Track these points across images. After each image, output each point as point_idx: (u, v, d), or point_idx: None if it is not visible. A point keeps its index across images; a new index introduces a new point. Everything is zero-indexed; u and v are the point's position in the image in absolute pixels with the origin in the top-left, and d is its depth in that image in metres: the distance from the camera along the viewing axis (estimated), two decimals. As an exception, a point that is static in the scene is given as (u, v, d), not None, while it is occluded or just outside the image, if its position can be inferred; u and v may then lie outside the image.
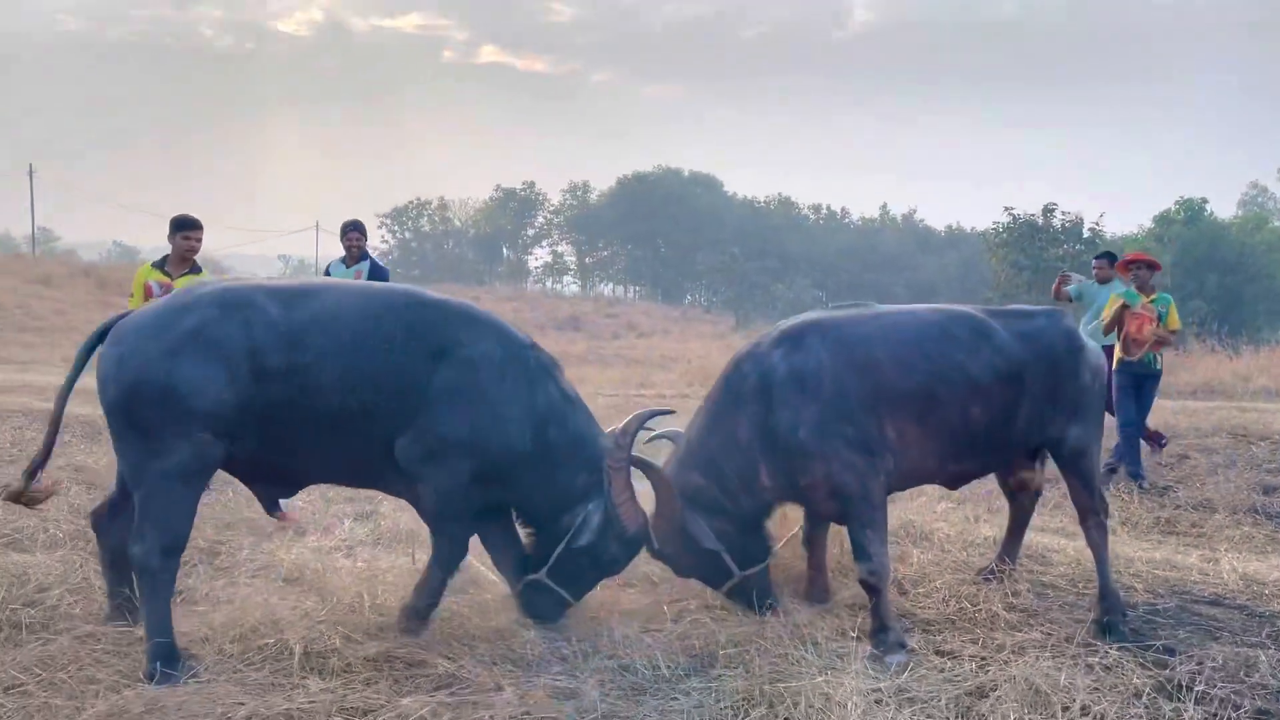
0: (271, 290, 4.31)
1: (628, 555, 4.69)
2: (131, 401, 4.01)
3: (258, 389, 4.09)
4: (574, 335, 31.80)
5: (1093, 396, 5.14)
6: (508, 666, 4.10)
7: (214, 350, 4.04)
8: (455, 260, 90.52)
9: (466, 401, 4.36)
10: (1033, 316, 5.18)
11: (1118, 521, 7.39)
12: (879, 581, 4.56)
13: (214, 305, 4.13)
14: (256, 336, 4.10)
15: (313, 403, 4.17)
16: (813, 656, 4.20)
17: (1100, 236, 42.51)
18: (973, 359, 4.82)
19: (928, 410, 4.74)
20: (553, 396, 4.60)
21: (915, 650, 4.49)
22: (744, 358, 4.89)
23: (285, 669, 3.95)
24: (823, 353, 4.68)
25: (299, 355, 4.14)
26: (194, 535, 5.75)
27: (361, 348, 4.24)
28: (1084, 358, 5.11)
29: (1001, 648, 4.58)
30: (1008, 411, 4.91)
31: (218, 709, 3.45)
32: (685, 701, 3.81)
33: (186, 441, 4.02)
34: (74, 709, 3.35)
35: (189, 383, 3.99)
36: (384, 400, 4.26)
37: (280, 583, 5.10)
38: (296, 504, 4.96)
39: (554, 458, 4.54)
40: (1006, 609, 5.14)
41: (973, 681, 4.10)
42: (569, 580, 4.60)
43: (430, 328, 4.39)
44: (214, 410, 4.03)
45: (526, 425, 4.48)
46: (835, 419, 4.59)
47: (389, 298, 4.49)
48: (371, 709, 3.58)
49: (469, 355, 4.39)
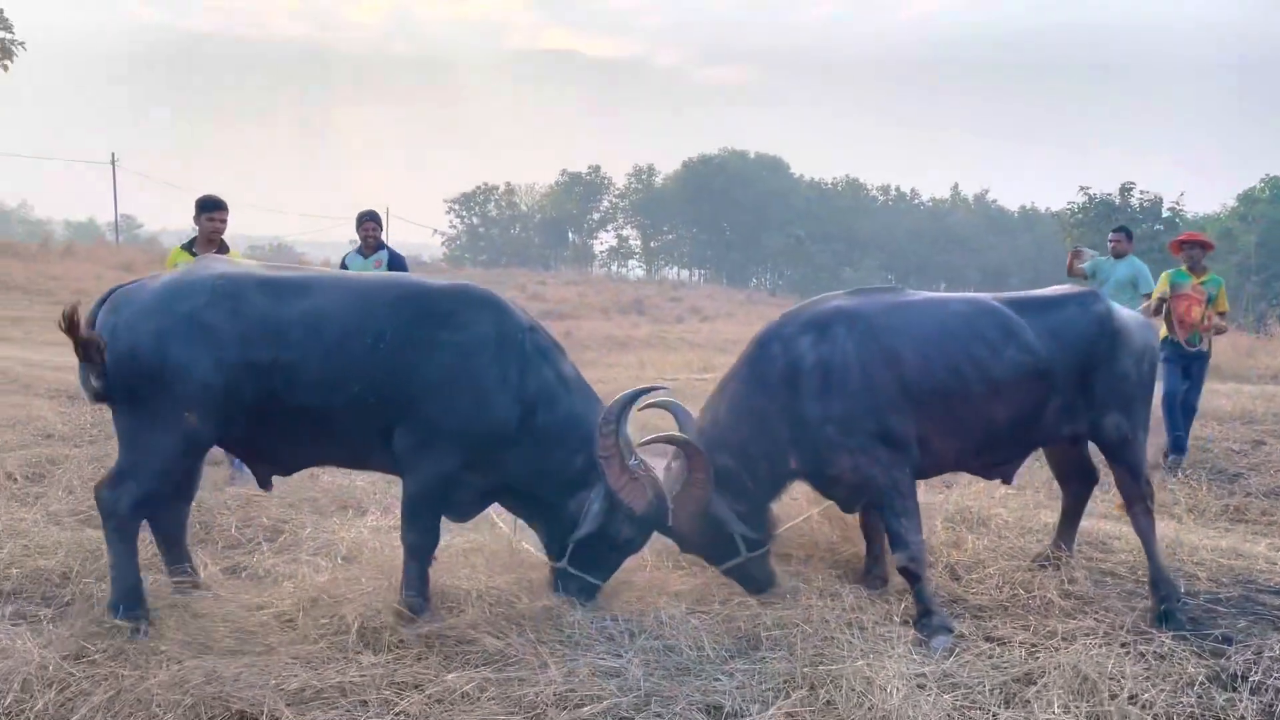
0: (264, 282, 4.37)
1: (644, 532, 4.71)
2: (120, 372, 4.13)
3: (244, 378, 4.20)
4: (637, 319, 31.79)
5: (1132, 383, 4.98)
6: (555, 645, 4.17)
7: (201, 337, 4.15)
8: (521, 245, 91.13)
9: (459, 391, 4.38)
10: (1063, 305, 5.04)
11: (1184, 508, 7.22)
12: (918, 568, 4.58)
13: (206, 292, 4.23)
14: (243, 328, 4.20)
15: (299, 396, 4.26)
16: (858, 640, 4.20)
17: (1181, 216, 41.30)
18: (998, 356, 4.75)
19: (951, 406, 4.71)
20: (546, 380, 4.58)
21: (962, 635, 4.46)
22: (771, 338, 4.87)
23: (341, 644, 4.08)
24: (849, 344, 4.66)
25: (284, 351, 4.23)
26: (258, 514, 6.02)
27: (348, 344, 4.29)
28: (1122, 343, 4.96)
29: (1053, 634, 4.52)
30: (1035, 405, 4.84)
31: (272, 680, 3.58)
32: (728, 682, 3.85)
33: (173, 418, 4.15)
34: (138, 678, 3.51)
35: (175, 366, 4.11)
36: (373, 394, 4.31)
37: (340, 561, 5.25)
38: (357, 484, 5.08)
39: (543, 441, 4.54)
40: (1062, 596, 5.07)
41: (1020, 668, 4.07)
42: (591, 565, 4.63)
43: (422, 319, 4.41)
44: (199, 395, 4.15)
45: (514, 410, 4.47)
46: (862, 413, 4.59)
47: (380, 292, 4.49)
48: (420, 683, 3.69)
49: (461, 343, 4.41)
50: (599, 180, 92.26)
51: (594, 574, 4.66)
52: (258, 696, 3.43)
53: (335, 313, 4.33)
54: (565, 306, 33.00)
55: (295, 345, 4.23)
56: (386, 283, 4.66)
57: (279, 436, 4.43)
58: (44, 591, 4.71)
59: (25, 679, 3.50)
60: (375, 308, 4.38)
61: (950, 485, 7.37)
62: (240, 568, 5.20)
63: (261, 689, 3.48)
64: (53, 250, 35.52)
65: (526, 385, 4.50)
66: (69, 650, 3.81)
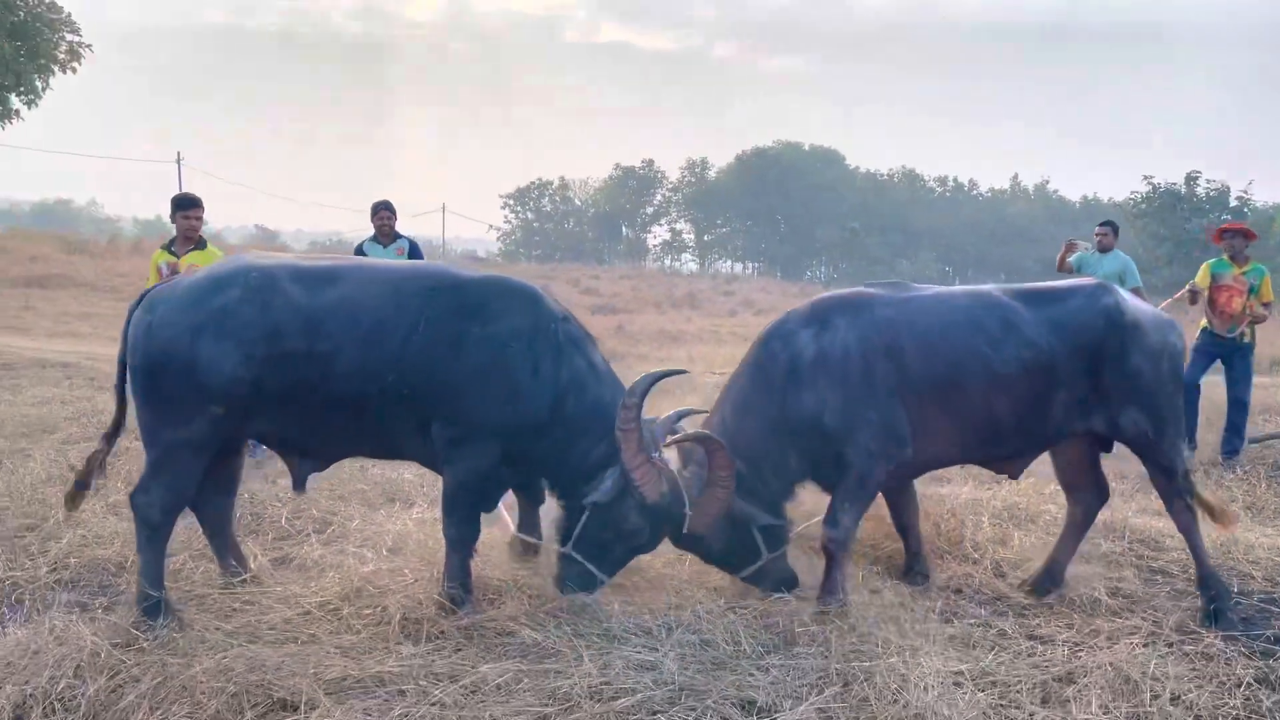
0: (298, 272, 4.41)
1: (653, 528, 4.59)
2: (155, 370, 4.24)
3: (276, 371, 4.25)
4: (690, 313, 31.72)
5: (1148, 380, 4.80)
6: (592, 638, 4.20)
7: (235, 331, 4.21)
8: (575, 239, 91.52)
9: (494, 385, 4.41)
10: (1069, 298, 4.91)
11: (1241, 506, 7.04)
12: (837, 549, 4.65)
13: (239, 286, 4.29)
14: (276, 320, 4.25)
15: (332, 387, 4.30)
16: (895, 637, 4.18)
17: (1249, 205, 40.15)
18: (998, 349, 4.67)
19: (952, 398, 4.66)
20: (578, 368, 4.57)
21: (1004, 632, 4.42)
22: (772, 336, 4.86)
23: (382, 634, 4.16)
24: (850, 335, 4.64)
25: (318, 342, 4.27)
26: (308, 506, 6.14)
27: (383, 335, 4.32)
28: (1133, 338, 4.79)
29: (1098, 633, 4.47)
30: (1040, 398, 4.75)
31: (312, 669, 3.66)
32: (763, 678, 3.85)
33: (201, 415, 4.23)
34: (183, 665, 3.61)
35: (208, 360, 4.18)
36: (406, 385, 4.34)
37: (385, 552, 5.34)
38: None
39: (571, 428, 4.53)
40: (1109, 594, 5.00)
41: (1062, 667, 4.02)
42: (595, 554, 4.56)
43: (456, 311, 4.43)
44: (229, 389, 4.21)
45: (547, 400, 4.48)
46: (860, 403, 4.58)
47: (414, 282, 4.51)
48: (456, 674, 3.74)
49: (495, 335, 4.43)
50: (652, 174, 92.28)
51: (597, 564, 4.56)
52: (298, 685, 3.52)
53: (369, 303, 4.37)
54: (618, 301, 33.04)
55: (329, 336, 4.28)
56: (420, 272, 4.67)
57: (312, 428, 4.48)
58: (101, 580, 4.86)
59: (78, 665, 3.63)
60: (409, 298, 4.42)
61: (1000, 481, 7.27)
62: (289, 558, 5.31)
63: (302, 678, 3.56)
64: (120, 247, 36.49)
65: (559, 375, 4.52)
66: (120, 638, 3.93)
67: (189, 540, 5.22)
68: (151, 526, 4.31)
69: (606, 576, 4.63)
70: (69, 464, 7.09)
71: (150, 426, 4.33)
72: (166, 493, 4.30)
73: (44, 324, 18.91)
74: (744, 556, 4.76)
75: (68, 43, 31.47)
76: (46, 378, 11.57)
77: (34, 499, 5.93)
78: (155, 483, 4.30)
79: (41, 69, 30.84)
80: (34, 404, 9.69)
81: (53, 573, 4.85)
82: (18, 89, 30.49)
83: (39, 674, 3.57)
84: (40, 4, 30.51)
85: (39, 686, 3.50)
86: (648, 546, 4.73)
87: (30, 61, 30.14)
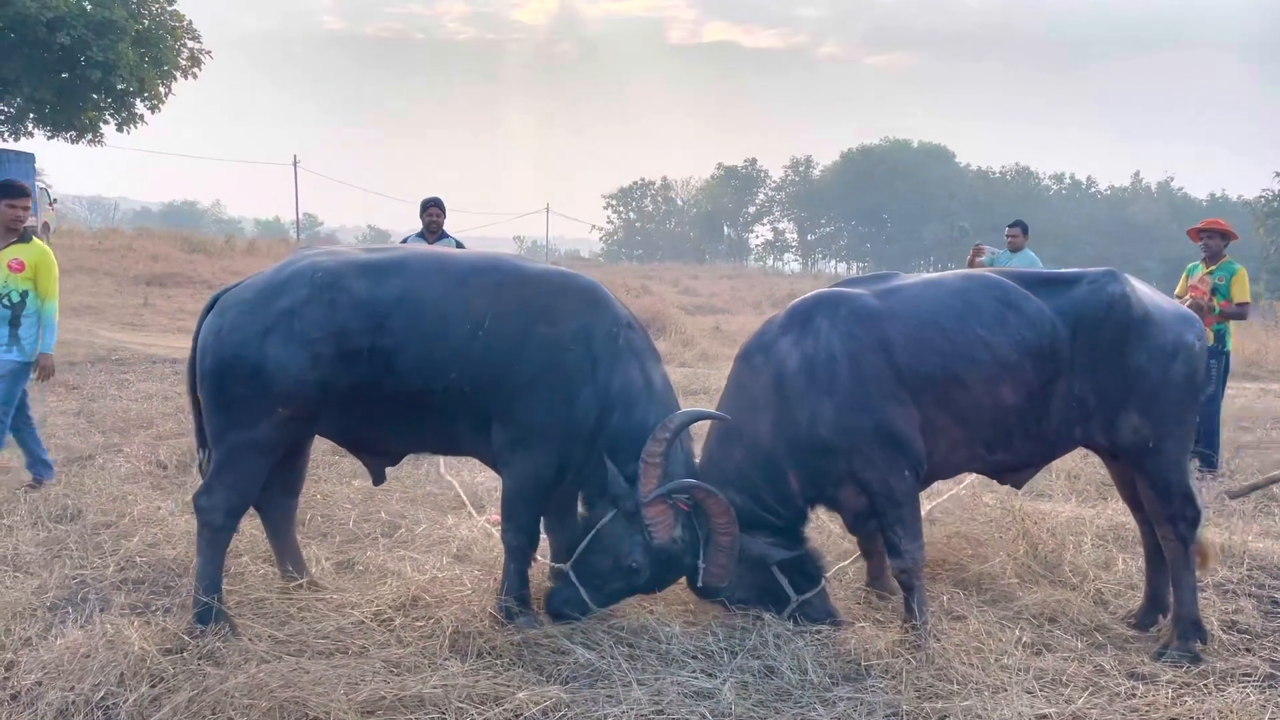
0: (363, 265, 4.33)
1: (657, 571, 4.32)
2: (224, 374, 4.19)
3: (343, 369, 4.17)
4: (789, 314, 31.20)
5: (1155, 382, 4.30)
6: (649, 658, 3.99)
7: (302, 332, 4.14)
8: (676, 239, 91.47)
9: (551, 386, 4.25)
10: (1072, 284, 4.44)
11: None
12: (910, 579, 4.29)
13: (305, 285, 4.22)
14: (342, 319, 4.17)
15: (398, 382, 4.21)
16: (977, 672, 3.85)
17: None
18: (995, 335, 4.25)
19: (949, 391, 4.24)
20: (631, 381, 4.36)
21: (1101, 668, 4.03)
22: (752, 350, 4.53)
23: (432, 649, 4.01)
24: (833, 336, 4.28)
25: (384, 338, 4.18)
26: (377, 509, 6.08)
27: (448, 330, 4.22)
28: (1140, 333, 4.31)
29: (1208, 674, 4.04)
30: (1040, 394, 4.30)
31: (349, 687, 3.53)
32: (826, 712, 3.57)
33: (268, 417, 4.17)
34: (221, 678, 3.53)
35: (276, 363, 4.12)
36: (471, 381, 4.22)
37: (449, 559, 5.23)
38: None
39: (611, 441, 4.32)
40: (1224, 628, 4.57)
41: (1163, 713, 3.64)
42: (592, 580, 4.32)
43: (521, 308, 4.30)
44: (297, 390, 4.14)
45: (595, 406, 4.30)
46: (854, 410, 4.22)
47: (481, 277, 4.38)
48: (500, 696, 3.56)
49: (559, 336, 4.28)
50: (755, 173, 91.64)
51: (590, 591, 4.31)
52: (331, 704, 3.39)
53: (435, 296, 4.28)
54: (716, 300, 32.70)
55: (394, 331, 4.20)
56: (487, 266, 4.52)
57: (378, 425, 4.40)
58: (166, 581, 4.85)
59: (122, 673, 3.58)
60: (475, 293, 4.31)
61: (1105, 498, 6.79)
62: (353, 563, 5.24)
63: (337, 696, 3.43)
64: (237, 247, 37.84)
65: (611, 383, 4.33)
66: (169, 644, 3.88)
67: (254, 542, 5.20)
68: (213, 529, 4.27)
69: (597, 606, 4.34)
70: (157, 460, 7.24)
71: (218, 429, 4.29)
72: (231, 494, 4.26)
73: (160, 321, 19.61)
74: (771, 600, 4.43)
75: (189, 49, 32.72)
76: (154, 374, 11.92)
77: (115, 495, 6.02)
78: (220, 484, 4.26)
79: (165, 75, 32.14)
80: (137, 399, 9.98)
81: (120, 571, 4.87)
82: (142, 94, 31.83)
83: (84, 679, 3.53)
84: (163, 12, 31.81)
85: (82, 693, 3.47)
86: (648, 588, 4.44)
87: (154, 68, 31.43)
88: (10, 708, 3.47)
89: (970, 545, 5.20)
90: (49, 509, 5.75)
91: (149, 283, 24.80)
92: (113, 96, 31.48)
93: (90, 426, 8.26)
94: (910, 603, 4.30)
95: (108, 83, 29.98)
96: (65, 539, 5.27)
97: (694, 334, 18.96)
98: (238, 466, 4.26)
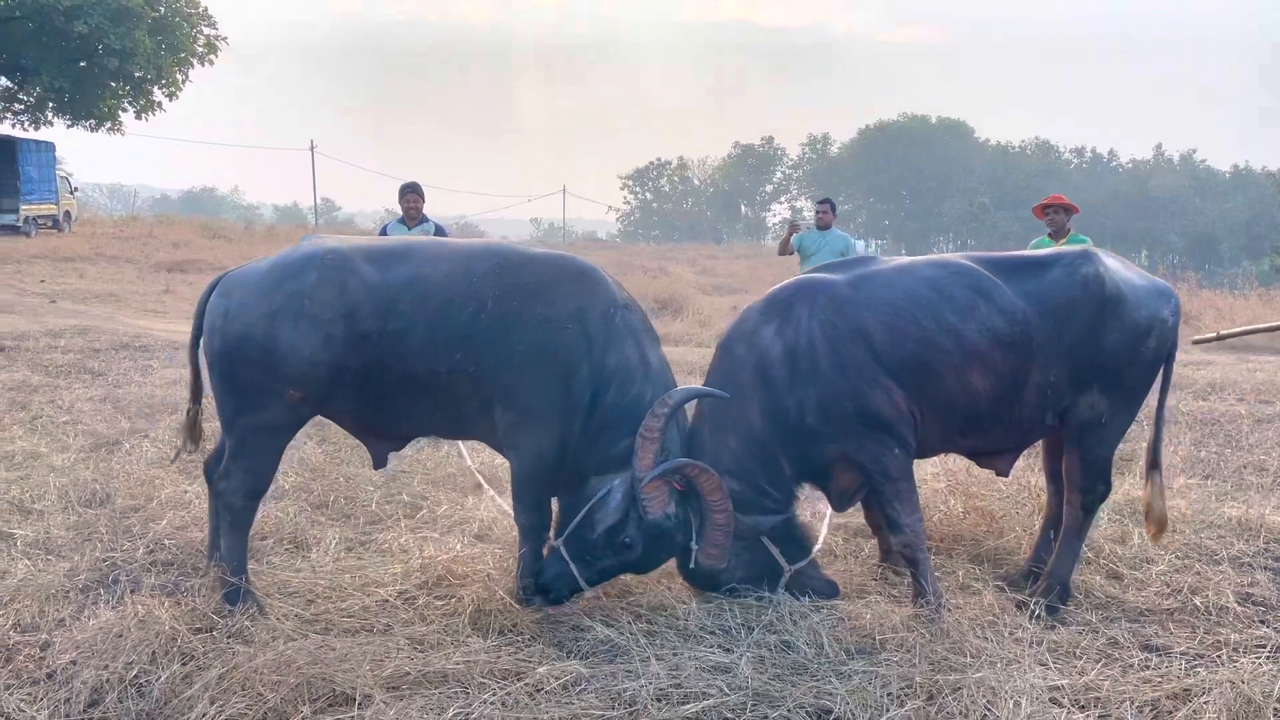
0: (370, 250, 4.41)
1: (649, 548, 4.31)
2: (232, 356, 4.25)
3: (352, 351, 4.24)
4: (807, 292, 31.11)
5: (1122, 362, 4.40)
6: (667, 635, 4.06)
7: (311, 314, 4.20)
8: (694, 219, 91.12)
9: (548, 367, 4.31)
10: (1046, 267, 4.49)
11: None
12: (913, 551, 4.35)
13: (314, 268, 4.28)
14: (352, 301, 4.23)
15: (405, 364, 4.27)
16: (991, 645, 3.90)
17: None
18: (969, 321, 4.31)
19: (926, 377, 4.30)
20: (628, 359, 4.42)
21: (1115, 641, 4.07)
22: (734, 339, 4.57)
23: (454, 626, 4.10)
24: (814, 324, 4.33)
25: (392, 320, 4.24)
26: (399, 490, 6.17)
27: (454, 312, 4.28)
28: (1114, 312, 4.38)
29: (1222, 645, 4.08)
30: (1015, 378, 4.36)
31: (374, 663, 3.62)
32: (841, 685, 3.63)
33: (279, 399, 4.24)
34: (249, 656, 3.62)
35: (285, 345, 4.18)
36: (475, 361, 4.28)
37: (471, 539, 5.31)
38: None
39: (605, 417, 4.37)
40: (1239, 600, 4.59)
41: (1176, 683, 3.67)
42: (582, 556, 4.32)
43: (521, 289, 4.36)
44: (307, 372, 4.21)
45: (589, 385, 4.36)
46: (839, 396, 4.28)
47: (482, 260, 4.44)
48: (521, 672, 3.65)
49: (555, 316, 4.34)
50: (772, 152, 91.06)
51: (581, 567, 4.30)
52: (357, 680, 3.48)
53: (440, 280, 4.34)
54: (734, 280, 32.64)
55: (402, 314, 4.27)
56: (487, 250, 4.59)
57: (385, 407, 4.46)
58: (195, 563, 4.94)
59: (154, 652, 3.68)
60: (478, 276, 4.37)
61: (1122, 473, 6.79)
62: (376, 543, 5.33)
63: (363, 672, 3.52)
64: (256, 233, 38.09)
65: (606, 362, 4.39)
66: (200, 623, 3.99)
67: (280, 524, 5.30)
68: (234, 512, 4.36)
69: (586, 584, 4.34)
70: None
71: (230, 414, 4.36)
72: (248, 476, 4.35)
73: (182, 307, 19.76)
74: (765, 574, 4.48)
75: (205, 36, 32.88)
76: (178, 360, 12.02)
77: (143, 480, 6.13)
78: (236, 468, 4.35)
79: (181, 62, 32.31)
80: (161, 385, 10.09)
81: (150, 554, 4.98)
82: (159, 81, 32.02)
83: (118, 658, 3.64)
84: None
85: (115, 671, 3.57)
86: (640, 567, 4.45)
87: (171, 55, 31.61)
88: (47, 686, 3.58)
89: (986, 521, 5.23)
90: (78, 494, 5.88)
91: (170, 269, 25.04)
92: (130, 84, 31.73)
93: (116, 412, 8.37)
94: (917, 577, 4.36)
95: (125, 70, 30.22)
96: (95, 523, 5.39)
97: (711, 314, 18.97)
98: (252, 450, 4.35)
